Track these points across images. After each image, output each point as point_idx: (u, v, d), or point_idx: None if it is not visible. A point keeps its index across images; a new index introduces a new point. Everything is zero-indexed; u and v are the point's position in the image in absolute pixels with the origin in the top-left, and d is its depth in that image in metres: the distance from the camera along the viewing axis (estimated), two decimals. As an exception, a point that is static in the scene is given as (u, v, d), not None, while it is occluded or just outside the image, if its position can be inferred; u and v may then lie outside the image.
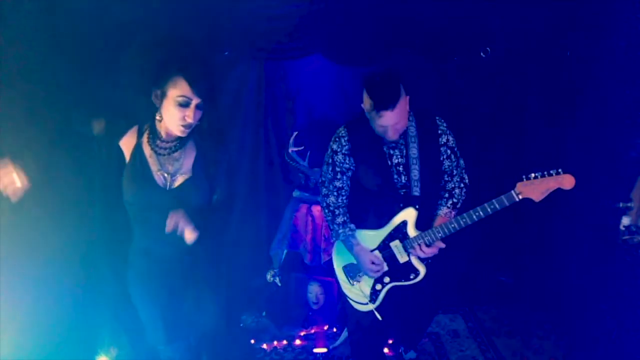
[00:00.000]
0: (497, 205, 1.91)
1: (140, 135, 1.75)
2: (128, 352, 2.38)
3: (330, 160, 2.14)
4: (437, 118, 2.14)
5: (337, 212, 2.16)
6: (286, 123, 3.19)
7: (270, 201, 3.23)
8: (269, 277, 3.10)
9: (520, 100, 3.15)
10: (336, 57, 2.90)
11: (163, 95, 1.65)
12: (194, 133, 1.79)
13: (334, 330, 3.03)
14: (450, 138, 2.12)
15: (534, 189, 1.85)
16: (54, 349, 2.11)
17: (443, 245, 2.07)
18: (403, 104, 1.91)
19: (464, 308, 3.34)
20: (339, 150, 2.10)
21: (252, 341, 2.93)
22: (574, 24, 2.76)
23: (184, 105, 1.64)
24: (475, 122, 3.19)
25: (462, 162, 2.21)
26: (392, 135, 1.97)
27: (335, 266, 2.32)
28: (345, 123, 2.17)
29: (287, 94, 3.16)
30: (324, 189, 2.19)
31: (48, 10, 2.06)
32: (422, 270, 2.13)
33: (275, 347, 2.91)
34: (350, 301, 2.30)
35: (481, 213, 1.93)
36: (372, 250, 2.16)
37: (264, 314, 3.10)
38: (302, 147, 3.04)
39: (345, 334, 2.93)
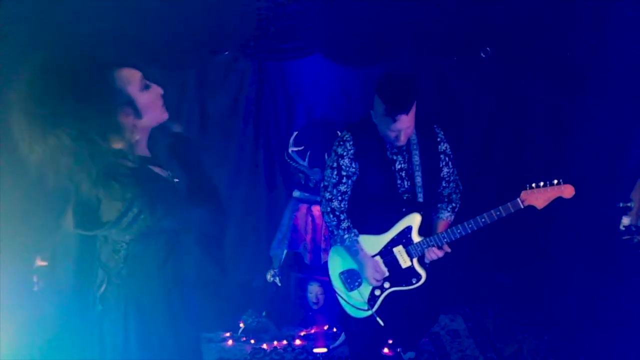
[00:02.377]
0: (502, 212, 1.98)
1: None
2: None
3: (335, 165, 2.12)
4: (435, 126, 2.18)
5: (342, 216, 2.16)
6: (286, 123, 3.19)
7: (270, 201, 3.23)
8: (269, 277, 3.10)
9: (520, 100, 3.15)
10: (336, 57, 2.90)
11: (130, 103, 1.39)
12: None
13: (334, 330, 3.03)
14: (448, 146, 2.18)
15: (537, 197, 1.96)
16: (53, 348, 2.11)
17: (449, 250, 2.11)
18: (414, 106, 1.93)
19: (464, 308, 3.34)
20: (344, 154, 2.09)
21: (252, 341, 2.93)
22: (574, 24, 2.76)
23: (147, 87, 1.43)
24: (475, 122, 3.19)
25: (455, 170, 2.25)
26: (403, 140, 1.98)
27: (330, 273, 2.29)
28: (347, 126, 2.17)
29: (287, 94, 3.16)
30: (327, 194, 2.16)
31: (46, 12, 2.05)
32: (423, 274, 2.15)
33: (275, 347, 2.91)
34: (346, 307, 2.28)
35: (487, 219, 1.99)
36: (372, 256, 2.16)
37: (264, 314, 3.10)
38: (302, 147, 3.03)
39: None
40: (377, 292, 2.21)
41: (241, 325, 3.01)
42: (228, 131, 3.05)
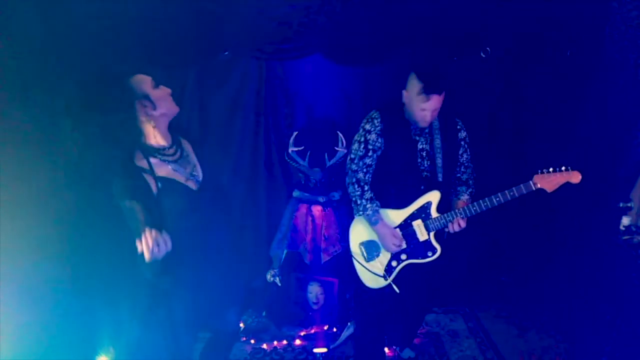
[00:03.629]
0: (515, 193, 2.13)
1: (151, 172, 1.73)
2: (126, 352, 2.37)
3: (363, 139, 2.26)
4: (455, 117, 2.37)
5: (365, 187, 2.28)
6: (286, 123, 3.19)
7: (270, 201, 3.23)
8: (269, 277, 3.10)
9: (520, 100, 3.15)
10: (336, 58, 2.91)
11: (146, 97, 1.72)
12: (175, 130, 1.89)
13: (334, 330, 3.03)
14: (466, 134, 2.38)
15: (548, 181, 2.11)
16: (53, 349, 2.12)
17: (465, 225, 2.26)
18: (444, 93, 2.13)
19: (464, 308, 3.34)
20: (372, 129, 2.24)
21: (252, 341, 2.93)
22: (573, 24, 2.76)
23: (157, 86, 1.76)
24: (475, 122, 3.18)
25: (470, 157, 2.43)
26: (428, 120, 2.16)
27: (351, 242, 2.42)
28: (377, 107, 2.32)
29: (287, 94, 3.16)
30: (354, 165, 2.28)
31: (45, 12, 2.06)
32: (439, 248, 2.30)
33: (275, 347, 2.91)
34: (363, 275, 2.39)
35: (501, 198, 2.14)
36: (394, 228, 2.30)
37: (264, 314, 3.10)
38: (302, 147, 3.03)
39: (345, 334, 2.93)
40: (394, 263, 2.34)
41: (241, 325, 3.01)
42: (228, 131, 3.06)
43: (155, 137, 1.78)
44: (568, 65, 2.87)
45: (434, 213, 2.27)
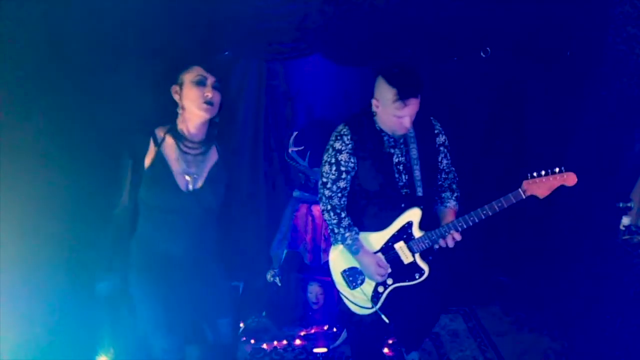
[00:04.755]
0: (504, 203, 1.96)
1: (157, 142, 1.80)
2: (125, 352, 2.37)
3: (334, 160, 2.09)
4: (431, 118, 2.16)
5: (342, 214, 2.12)
6: (286, 123, 3.19)
7: (270, 201, 3.23)
8: (269, 277, 3.10)
9: (520, 100, 3.15)
10: (336, 58, 2.90)
11: (181, 84, 1.79)
12: (216, 138, 1.93)
13: (334, 330, 3.03)
14: (445, 138, 2.18)
15: (538, 186, 1.93)
16: (54, 349, 2.11)
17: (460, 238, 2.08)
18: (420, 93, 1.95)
19: (463, 308, 3.34)
20: (342, 149, 2.06)
21: (252, 341, 2.93)
22: (574, 24, 2.76)
23: (201, 83, 1.78)
24: (475, 122, 3.19)
25: (450, 160, 2.26)
26: (409, 125, 1.96)
27: (332, 271, 2.27)
28: (344, 120, 2.13)
29: (287, 94, 3.16)
30: (327, 191, 2.12)
31: (46, 12, 2.05)
32: (426, 269, 2.14)
33: (275, 347, 2.91)
34: (350, 305, 2.26)
35: (488, 211, 1.97)
36: (374, 253, 2.14)
37: (264, 314, 3.10)
38: (302, 147, 3.03)
39: (345, 334, 2.93)
40: (381, 289, 2.19)
41: (241, 325, 3.01)
42: (228, 131, 3.05)
43: (186, 124, 1.82)
44: (568, 65, 2.87)
45: (416, 233, 2.09)
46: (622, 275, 2.40)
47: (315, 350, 2.87)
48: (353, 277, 2.21)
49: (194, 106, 1.78)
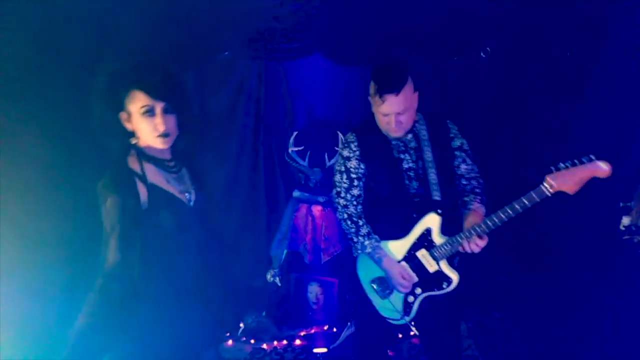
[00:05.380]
0: (526, 202, 1.74)
1: (142, 177, 1.58)
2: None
3: (344, 168, 2.05)
4: (448, 122, 2.07)
5: (360, 222, 2.04)
6: (286, 123, 3.19)
7: (270, 201, 3.23)
8: (269, 277, 3.10)
9: (520, 100, 3.14)
10: (336, 57, 2.91)
11: (129, 115, 1.56)
12: (182, 148, 1.69)
13: (334, 330, 3.03)
14: (464, 141, 2.06)
15: (566, 180, 1.65)
16: (53, 349, 2.11)
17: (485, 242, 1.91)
18: (409, 91, 1.86)
19: (463, 308, 3.34)
20: (351, 155, 2.03)
21: (252, 341, 2.93)
22: (574, 24, 2.76)
23: (149, 113, 1.53)
24: (474, 122, 3.19)
25: (476, 167, 2.09)
26: (396, 129, 1.89)
27: (362, 282, 2.17)
28: (353, 129, 2.11)
29: (287, 94, 3.16)
30: (342, 200, 2.06)
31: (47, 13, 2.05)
32: (454, 277, 2.00)
33: (275, 347, 2.91)
34: (382, 313, 2.14)
35: (510, 212, 1.78)
36: (399, 262, 2.03)
37: (264, 314, 3.10)
38: (302, 147, 3.04)
39: (345, 333, 2.93)
40: (410, 299, 2.06)
41: (241, 325, 3.01)
42: (228, 131, 3.06)
43: (151, 149, 1.60)
44: (568, 65, 2.87)
45: (437, 239, 1.96)
46: (622, 275, 2.40)
47: (315, 350, 2.87)
48: (382, 286, 2.10)
49: (148, 139, 1.58)
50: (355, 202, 2.06)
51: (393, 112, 1.85)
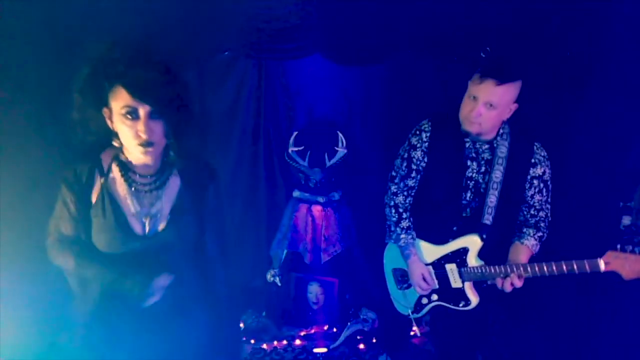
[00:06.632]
0: (575, 269, 1.70)
1: (102, 172, 1.40)
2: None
3: (407, 155, 1.94)
4: (535, 145, 1.90)
5: (404, 215, 1.97)
6: (286, 123, 3.19)
7: (270, 201, 3.23)
8: (269, 277, 3.10)
9: (520, 100, 3.14)
10: (336, 57, 2.91)
11: (111, 112, 1.33)
12: (174, 163, 1.46)
13: (334, 330, 3.03)
14: (547, 170, 1.89)
15: (625, 265, 1.59)
16: (53, 349, 2.11)
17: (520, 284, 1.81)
18: (510, 93, 1.73)
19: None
20: (418, 145, 1.90)
21: (252, 341, 2.93)
22: (574, 24, 2.76)
23: (131, 116, 1.29)
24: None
25: (549, 201, 1.96)
26: (473, 120, 1.72)
27: (385, 265, 2.19)
28: (431, 115, 1.94)
29: (287, 94, 3.16)
30: (394, 186, 1.98)
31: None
32: (474, 300, 1.95)
33: (275, 347, 2.91)
34: (393, 300, 2.19)
35: (555, 269, 1.75)
36: (426, 264, 2.01)
37: (264, 314, 3.10)
38: (302, 147, 3.04)
39: (345, 334, 2.93)
40: (424, 301, 2.06)
41: (241, 325, 3.01)
42: (228, 131, 3.06)
43: (130, 157, 1.40)
44: (568, 65, 2.86)
45: (471, 261, 1.89)
46: (621, 276, 2.40)
47: (315, 350, 2.87)
48: (402, 278, 2.10)
49: (128, 145, 1.35)
50: (406, 193, 1.97)
51: (482, 100, 1.70)
